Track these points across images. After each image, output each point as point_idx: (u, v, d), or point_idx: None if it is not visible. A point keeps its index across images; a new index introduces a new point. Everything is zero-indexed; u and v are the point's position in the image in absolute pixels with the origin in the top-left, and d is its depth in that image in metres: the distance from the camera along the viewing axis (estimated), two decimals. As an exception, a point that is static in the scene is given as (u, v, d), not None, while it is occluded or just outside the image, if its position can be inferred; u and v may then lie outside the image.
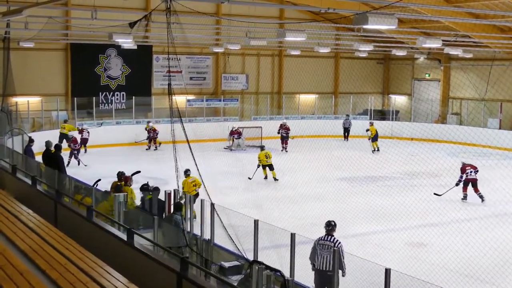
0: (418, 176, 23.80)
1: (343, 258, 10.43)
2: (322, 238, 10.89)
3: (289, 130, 30.96)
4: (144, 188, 14.82)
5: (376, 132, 31.11)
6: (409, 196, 19.62)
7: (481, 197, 20.02)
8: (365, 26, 12.82)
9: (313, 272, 10.99)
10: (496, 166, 25.39)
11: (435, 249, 14.65)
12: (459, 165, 20.78)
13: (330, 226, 11.03)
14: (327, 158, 25.81)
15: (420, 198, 19.66)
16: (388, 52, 37.24)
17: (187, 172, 16.37)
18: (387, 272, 8.74)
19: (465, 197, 20.25)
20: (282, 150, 29.90)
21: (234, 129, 31.44)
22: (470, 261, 13.54)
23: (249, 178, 22.66)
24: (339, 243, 10.73)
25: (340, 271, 10.31)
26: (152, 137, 30.26)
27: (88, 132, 28.18)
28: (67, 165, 22.31)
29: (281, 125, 31.20)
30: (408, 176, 24.09)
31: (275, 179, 23.29)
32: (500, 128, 34.17)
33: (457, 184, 20.24)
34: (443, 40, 23.82)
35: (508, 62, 34.50)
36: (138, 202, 14.72)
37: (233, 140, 31.25)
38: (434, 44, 22.85)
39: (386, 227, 16.73)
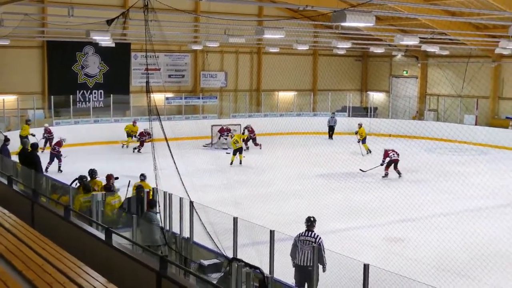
0: (395, 172, 23.93)
1: (324, 254, 10.56)
2: (303, 234, 10.95)
3: (254, 132, 30.42)
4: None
5: (365, 133, 30.21)
6: (387, 192, 19.76)
7: (398, 173, 23.31)
8: (343, 24, 12.90)
9: (293, 268, 11.03)
10: (472, 161, 25.64)
11: (413, 244, 14.75)
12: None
13: (310, 222, 11.12)
14: (305, 155, 25.87)
15: (397, 193, 19.78)
16: (366, 50, 37.41)
17: (140, 177, 15.85)
18: (366, 267, 8.81)
19: (386, 175, 23.37)
20: (245, 149, 29.37)
21: (224, 127, 31.14)
22: (446, 255, 13.69)
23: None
24: (320, 238, 10.81)
25: (320, 267, 10.43)
26: (144, 140, 28.95)
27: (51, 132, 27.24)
28: (46, 170, 21.85)
29: (246, 127, 30.78)
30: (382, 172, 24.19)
31: (241, 162, 25.64)
32: (476, 124, 34.54)
33: (381, 164, 23.35)
34: (420, 38, 24.00)
35: (483, 59, 34.85)
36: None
37: (219, 138, 30.92)
38: (411, 41, 23.04)
39: (364, 223, 16.82)
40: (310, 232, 10.93)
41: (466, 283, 12.08)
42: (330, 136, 34.92)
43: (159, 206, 12.91)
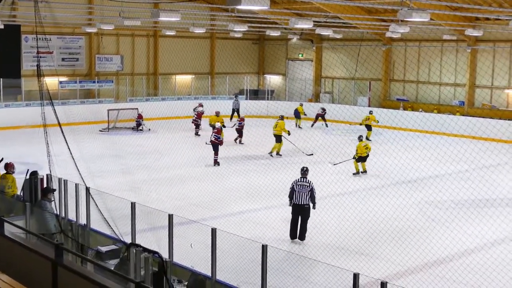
0: (294, 154, 24.39)
1: (315, 194, 13.87)
2: (299, 180, 14.06)
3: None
4: None
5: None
6: (286, 174, 20.06)
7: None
8: (238, 7, 12.93)
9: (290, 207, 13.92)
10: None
11: (311, 224, 14.97)
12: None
13: (303, 171, 14.41)
14: (204, 138, 25.79)
15: (295, 175, 20.12)
16: (263, 33, 37.74)
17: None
18: (264, 248, 8.96)
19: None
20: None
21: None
22: (344, 234, 14.08)
23: None
24: (312, 183, 13.97)
25: (311, 204, 13.78)
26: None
27: None
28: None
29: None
30: (285, 154, 24.61)
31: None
32: (369, 106, 35.68)
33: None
34: (314, 21, 24.39)
35: (375, 42, 35.98)
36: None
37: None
38: (305, 25, 23.33)
39: (264, 205, 17.02)
40: (304, 179, 14.10)
41: (365, 260, 12.46)
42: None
43: (53, 193, 12.53)
